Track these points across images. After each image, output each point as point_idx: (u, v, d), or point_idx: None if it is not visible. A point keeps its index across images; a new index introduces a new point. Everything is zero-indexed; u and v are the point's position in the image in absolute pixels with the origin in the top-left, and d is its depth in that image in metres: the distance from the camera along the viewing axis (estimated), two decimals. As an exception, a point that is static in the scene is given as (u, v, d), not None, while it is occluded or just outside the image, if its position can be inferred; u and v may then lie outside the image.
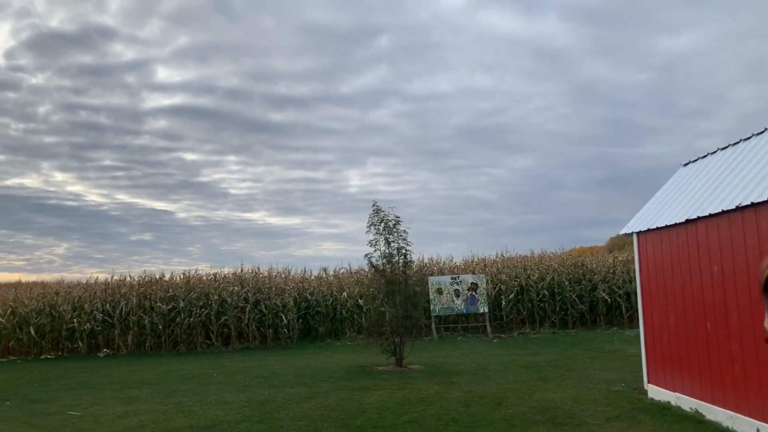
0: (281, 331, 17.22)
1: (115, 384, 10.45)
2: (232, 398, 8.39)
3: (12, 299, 17.87)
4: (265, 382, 9.77)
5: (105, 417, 7.42)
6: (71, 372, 12.80)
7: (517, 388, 8.34)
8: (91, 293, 17.84)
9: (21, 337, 17.06)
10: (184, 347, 17.05)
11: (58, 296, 18.04)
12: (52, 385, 10.78)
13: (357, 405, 7.44)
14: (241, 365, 12.61)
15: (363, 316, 18.26)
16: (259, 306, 17.42)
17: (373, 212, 11.34)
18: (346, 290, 18.60)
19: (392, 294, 11.02)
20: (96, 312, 17.28)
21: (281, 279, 18.32)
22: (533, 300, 18.65)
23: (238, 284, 17.74)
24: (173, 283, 18.01)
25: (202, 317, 17.12)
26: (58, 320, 17.29)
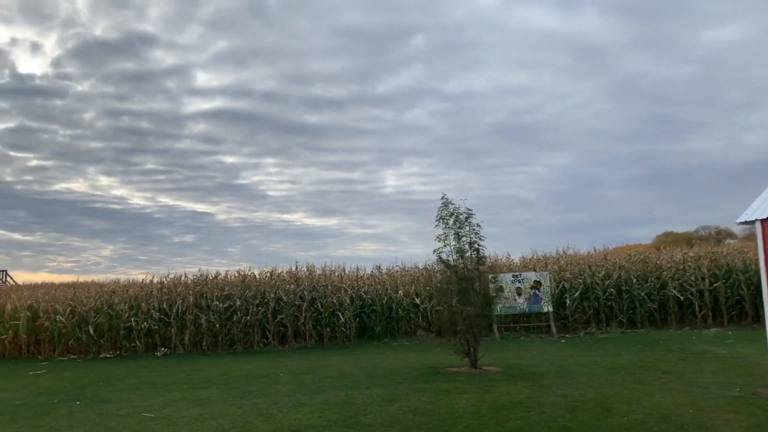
0: (338, 330, 16.80)
1: (181, 384, 10.15)
2: (307, 400, 7.94)
3: (71, 298, 17.97)
4: (337, 383, 9.30)
5: (181, 419, 7.05)
6: (133, 371, 12.62)
7: (617, 392, 7.64)
8: (148, 292, 17.77)
9: (80, 336, 17.10)
10: (240, 346, 16.80)
11: (114, 295, 18.05)
12: (117, 384, 10.57)
13: (447, 410, 6.88)
14: (304, 365, 12.21)
15: (420, 315, 17.73)
16: (315, 304, 17.05)
17: (442, 205, 10.76)
18: (401, 289, 18.06)
19: (466, 291, 10.42)
20: (153, 311, 17.19)
21: (336, 277, 17.90)
22: (599, 298, 17.75)
23: (294, 282, 17.40)
24: (228, 282, 17.80)
25: (258, 316, 16.84)
26: (116, 319, 17.27)
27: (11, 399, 9.38)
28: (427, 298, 17.91)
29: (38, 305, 17.66)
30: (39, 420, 7.43)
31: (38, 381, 11.70)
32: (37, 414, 7.86)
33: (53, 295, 18.16)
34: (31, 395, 9.74)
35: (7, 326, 17.26)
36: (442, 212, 10.72)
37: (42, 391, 10.22)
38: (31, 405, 8.71)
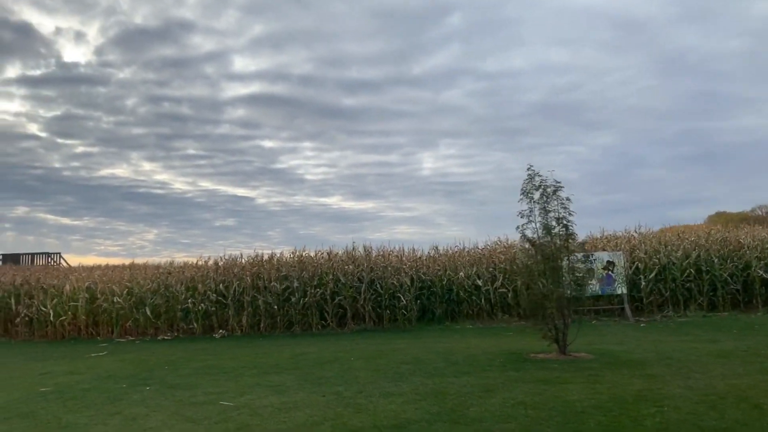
0: (398, 313, 16.14)
1: (250, 368, 9.64)
2: (393, 388, 7.26)
3: (128, 280, 17.81)
4: (418, 369, 8.61)
5: (263, 409, 6.47)
6: (195, 354, 12.24)
7: (750, 384, 6.71)
8: (204, 273, 17.45)
9: (137, 318, 16.92)
10: (299, 328, 16.34)
11: (170, 276, 17.80)
12: (183, 368, 10.14)
13: (561, 403, 6.09)
14: (371, 348, 11.58)
15: (482, 297, 16.91)
16: (374, 286, 16.41)
17: (528, 178, 9.85)
18: (462, 270, 17.24)
19: (554, 271, 9.54)
20: (209, 292, 16.87)
21: (395, 258, 17.20)
22: (677, 279, 16.58)
23: (351, 263, 16.79)
24: (285, 263, 17.32)
25: (316, 297, 16.32)
26: (173, 301, 17.02)
27: (79, 382, 9.03)
28: (490, 280, 17.09)
29: (95, 287, 17.56)
30: (112, 407, 6.97)
31: (101, 363, 11.41)
32: (109, 400, 7.42)
33: (110, 277, 18.04)
34: (98, 378, 9.38)
35: (66, 307, 17.22)
36: (527, 186, 9.83)
37: (108, 374, 9.87)
38: (100, 389, 8.31)
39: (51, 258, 38.53)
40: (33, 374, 10.38)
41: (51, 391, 8.34)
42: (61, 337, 17.18)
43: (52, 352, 14.07)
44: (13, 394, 8.37)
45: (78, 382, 9.15)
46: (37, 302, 17.36)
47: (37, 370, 10.89)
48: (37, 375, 10.27)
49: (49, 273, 19.26)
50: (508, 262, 17.46)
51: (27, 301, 17.60)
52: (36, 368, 11.17)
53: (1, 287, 18.55)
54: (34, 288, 17.88)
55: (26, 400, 7.71)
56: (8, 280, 18.86)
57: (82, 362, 11.81)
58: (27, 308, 17.47)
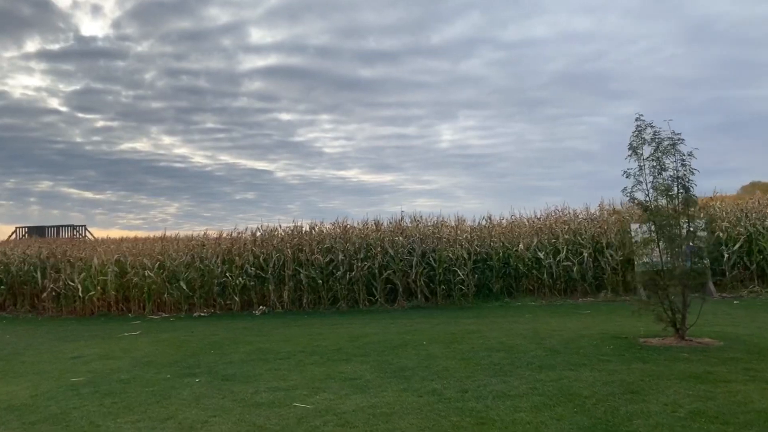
0: (454, 288, 14.72)
1: (309, 353, 8.31)
2: (502, 386, 5.84)
3: (159, 252, 16.62)
4: (515, 359, 7.18)
5: (352, 415, 5.09)
6: (240, 334, 10.97)
7: None
8: (241, 245, 16.18)
9: (171, 293, 15.76)
10: (345, 305, 15.03)
11: (204, 249, 16.57)
12: (231, 352, 8.86)
13: (750, 412, 4.62)
14: (439, 330, 10.20)
15: (544, 271, 15.40)
16: (427, 259, 14.98)
17: (636, 132, 8.22)
18: (521, 241, 15.71)
19: (671, 241, 7.98)
20: (248, 266, 15.61)
21: (449, 229, 15.71)
22: (764, 251, 14.87)
23: (401, 234, 15.35)
24: (328, 234, 15.95)
25: (364, 271, 14.95)
26: (208, 275, 15.81)
27: (116, 371, 7.78)
28: (552, 252, 15.54)
29: (125, 260, 16.41)
30: (160, 408, 5.66)
31: (137, 345, 10.20)
32: (154, 397, 6.12)
33: (140, 250, 16.86)
34: (136, 365, 8.13)
35: (95, 282, 16.12)
36: (636, 139, 8.21)
37: (147, 359, 8.62)
38: (141, 381, 7.04)
39: (76, 231, 37.80)
40: (63, 358, 9.19)
41: (84, 383, 7.10)
42: (90, 314, 16.13)
43: (82, 330, 12.95)
44: (42, 385, 7.15)
45: (114, 369, 7.91)
46: (65, 276, 16.29)
47: (68, 353, 9.71)
48: (68, 359, 9.08)
49: (76, 245, 18.17)
50: (572, 232, 15.91)
51: (54, 275, 16.54)
52: (66, 350, 10.01)
53: (27, 260, 17.52)
54: (60, 261, 16.79)
55: (56, 396, 6.47)
56: (34, 252, 17.83)
57: (115, 343, 10.63)
58: (54, 282, 16.42)
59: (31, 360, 9.26)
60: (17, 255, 17.81)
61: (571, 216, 16.74)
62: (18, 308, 17.32)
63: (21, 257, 17.58)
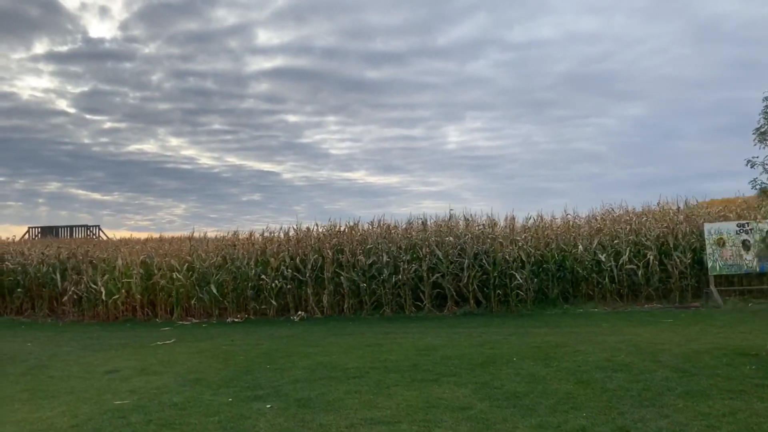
0: (510, 293, 13.52)
1: (382, 370, 7.15)
2: (661, 421, 4.67)
3: (187, 252, 15.53)
4: (643, 383, 5.99)
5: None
6: (289, 344, 9.84)
7: None
8: (276, 246, 15.06)
9: (201, 297, 14.65)
10: (389, 310, 13.87)
11: (235, 249, 15.46)
12: (289, 366, 7.73)
13: None
14: (514, 341, 9.03)
15: (605, 275, 14.19)
16: (479, 260, 13.80)
17: (764, 112, 7.03)
18: (579, 242, 14.51)
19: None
20: (284, 268, 14.47)
21: (506, 228, 14.53)
22: None
23: (451, 234, 14.18)
24: (371, 233, 14.80)
25: (410, 274, 13.78)
26: (241, 277, 14.69)
27: (163, 390, 6.65)
28: (612, 254, 14.33)
29: (151, 261, 15.32)
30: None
31: (176, 356, 9.08)
32: (225, 431, 4.98)
33: (166, 250, 15.77)
34: (185, 383, 6.99)
35: (119, 284, 15.03)
36: (765, 124, 7.02)
37: (194, 375, 7.49)
38: (199, 406, 5.91)
39: (90, 231, 36.90)
40: (96, 373, 8.08)
41: (131, 407, 5.97)
42: (114, 318, 15.04)
43: (109, 337, 11.85)
44: (81, 409, 6.04)
45: (160, 389, 6.79)
46: (87, 278, 15.21)
47: (100, 366, 8.61)
48: (102, 374, 7.97)
49: (97, 246, 17.11)
50: (634, 233, 14.70)
51: (74, 277, 15.47)
52: (97, 363, 8.90)
53: (45, 261, 16.47)
54: (81, 262, 15.73)
55: (102, 426, 5.34)
56: (53, 253, 16.78)
57: (150, 354, 9.52)
58: (75, 285, 15.36)
59: (59, 374, 8.15)
60: (35, 255, 16.76)
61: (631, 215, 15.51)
62: (36, 312, 16.26)
63: (39, 258, 16.53)
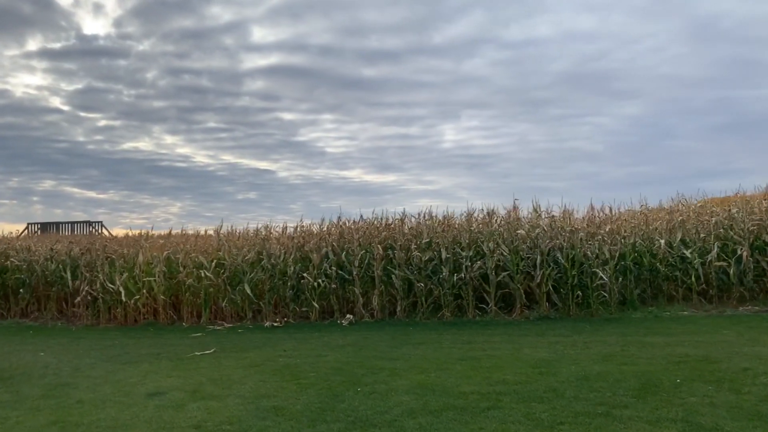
0: (591, 295, 11.85)
1: (523, 399, 5.49)
2: None
3: (216, 247, 13.82)
4: None
5: None
6: (360, 356, 8.16)
7: None
8: (317, 240, 13.36)
9: (234, 297, 12.95)
10: (449, 313, 12.19)
11: (268, 243, 13.76)
12: (383, 390, 6.08)
13: None
14: (645, 355, 7.38)
15: (692, 273, 12.54)
16: (553, 257, 12.13)
17: None
18: (662, 236, 12.86)
19: None
20: (327, 265, 12.79)
21: (584, 220, 12.84)
22: None
23: (521, 227, 12.50)
24: (426, 226, 13.10)
25: (474, 272, 12.10)
26: (279, 275, 13.00)
27: (236, 425, 4.98)
28: (697, 250, 12.68)
29: (176, 258, 13.61)
30: None
31: (228, 372, 7.39)
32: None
33: (193, 245, 14.04)
34: (262, 414, 5.31)
35: (140, 284, 13.32)
36: None
37: (266, 401, 5.82)
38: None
39: (92, 227, 35.19)
40: (136, 395, 6.40)
41: (209, 456, 4.29)
42: (133, 322, 13.34)
43: (135, 346, 10.16)
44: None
45: (232, 422, 5.11)
46: (102, 277, 13.48)
47: (136, 383, 6.93)
48: (145, 398, 6.29)
49: (114, 241, 15.37)
50: (721, 226, 13.06)
51: (88, 276, 13.75)
52: (131, 379, 7.21)
53: (54, 258, 14.74)
54: (97, 258, 13.99)
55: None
56: (63, 248, 15.04)
57: (193, 368, 7.84)
58: (89, 284, 13.63)
59: (89, 397, 6.47)
60: (43, 251, 15.03)
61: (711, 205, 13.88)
62: (44, 314, 14.53)
63: (47, 254, 14.79)
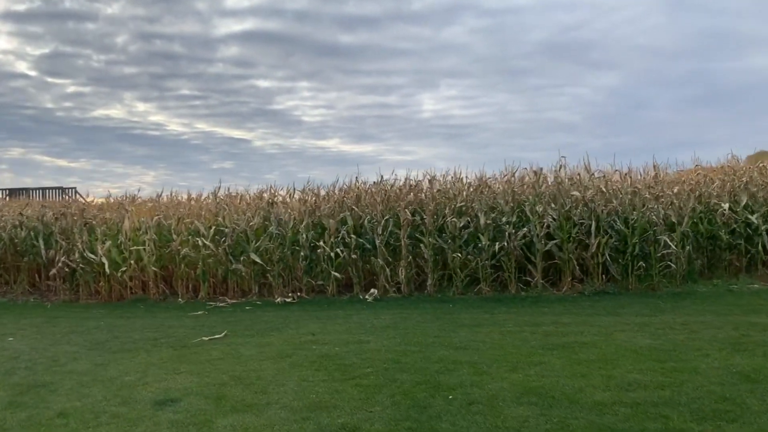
0: (654, 266, 10.34)
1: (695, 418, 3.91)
2: None
3: (215, 213, 11.97)
4: None
5: None
6: (410, 342, 6.52)
7: None
8: (333, 204, 11.58)
9: (237, 269, 11.19)
10: (487, 288, 10.60)
11: (275, 207, 11.97)
12: (476, 393, 4.48)
13: None
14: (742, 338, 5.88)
15: (759, 241, 11.12)
16: (610, 222, 10.57)
17: None
18: (725, 200, 11.37)
19: None
20: (345, 232, 11.06)
21: (641, 179, 11.24)
22: None
23: (576, 188, 10.86)
24: (458, 188, 11.40)
25: (518, 241, 10.49)
26: (289, 244, 11.24)
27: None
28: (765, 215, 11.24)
29: (168, 223, 11.75)
30: None
31: (250, 364, 5.71)
32: None
33: (189, 210, 12.16)
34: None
35: (126, 253, 11.46)
36: None
37: (329, 415, 4.17)
38: None
39: (65, 194, 32.83)
40: (140, 403, 4.70)
41: None
42: (119, 298, 11.54)
43: (125, 328, 8.40)
44: None
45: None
46: (81, 246, 11.58)
47: (136, 385, 5.21)
48: (152, 407, 4.60)
49: (92, 206, 13.39)
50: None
51: (64, 244, 11.83)
52: (127, 377, 5.50)
53: (25, 225, 12.75)
54: (74, 224, 12.05)
55: None
56: (34, 213, 13.04)
57: (205, 359, 6.14)
58: (66, 254, 11.72)
59: (75, 406, 4.75)
60: (11, 216, 13.03)
61: None
62: (14, 289, 12.62)
63: (16, 219, 12.80)
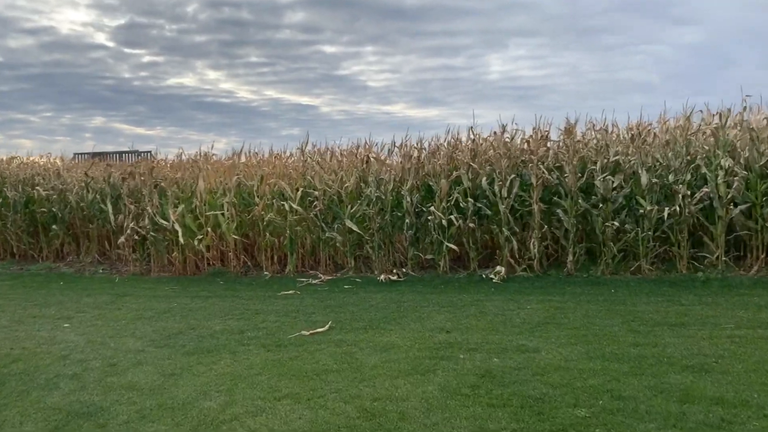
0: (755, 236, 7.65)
1: None
2: None
3: (302, 172, 10.10)
4: None
5: None
6: (599, 353, 4.41)
7: None
8: (442, 159, 9.41)
9: (331, 238, 9.33)
10: (648, 266, 8.23)
11: (372, 166, 9.95)
12: None
13: None
14: None
15: None
16: None
17: None
18: None
19: None
20: (462, 197, 8.92)
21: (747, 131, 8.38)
22: None
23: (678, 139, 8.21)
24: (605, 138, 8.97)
25: (693, 205, 8.02)
26: (389, 209, 9.25)
27: None
28: None
29: (249, 185, 10.01)
30: None
31: (379, 381, 3.73)
32: None
33: (272, 170, 10.34)
34: None
35: (201, 219, 9.84)
36: None
37: None
38: None
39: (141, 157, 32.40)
40: None
41: None
42: (195, 270, 9.99)
43: (202, 312, 6.71)
44: None
45: None
46: (152, 210, 10.06)
47: (218, 411, 3.34)
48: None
49: (163, 165, 11.89)
50: None
51: (133, 209, 10.35)
52: (210, 402, 3.64)
53: (90, 186, 11.39)
54: (143, 186, 10.54)
55: None
56: (100, 174, 11.66)
57: (313, 370, 4.24)
58: (135, 220, 10.25)
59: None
60: (76, 178, 11.71)
61: None
62: (82, 258, 11.36)
63: (82, 181, 11.46)
